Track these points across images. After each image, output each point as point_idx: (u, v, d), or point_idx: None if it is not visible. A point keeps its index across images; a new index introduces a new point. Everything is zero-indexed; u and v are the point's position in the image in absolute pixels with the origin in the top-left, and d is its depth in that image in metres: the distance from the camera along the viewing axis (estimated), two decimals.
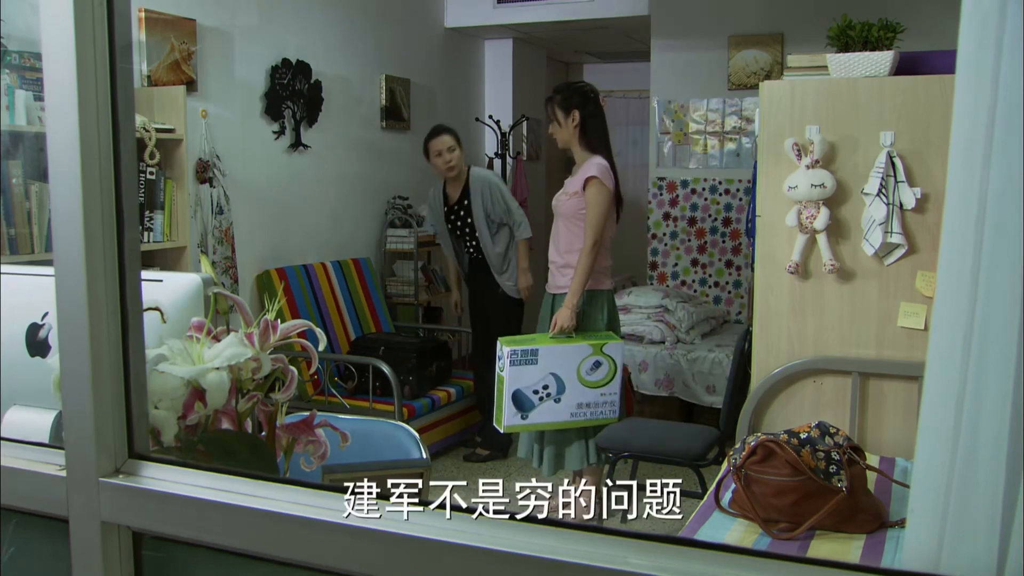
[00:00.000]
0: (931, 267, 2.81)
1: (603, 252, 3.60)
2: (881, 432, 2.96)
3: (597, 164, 3.56)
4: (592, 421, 3.25)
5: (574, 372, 3.22)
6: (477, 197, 4.50)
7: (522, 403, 3.31)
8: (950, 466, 0.83)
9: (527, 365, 3.28)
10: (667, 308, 5.20)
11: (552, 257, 3.68)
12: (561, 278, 3.63)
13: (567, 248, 3.59)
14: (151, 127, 3.56)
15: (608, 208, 3.55)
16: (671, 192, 5.90)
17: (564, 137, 3.67)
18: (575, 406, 3.24)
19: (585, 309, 3.52)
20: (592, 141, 3.64)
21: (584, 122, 3.62)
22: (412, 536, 0.89)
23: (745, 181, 5.60)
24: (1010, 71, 0.78)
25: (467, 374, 5.07)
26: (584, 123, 3.62)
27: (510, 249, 4.57)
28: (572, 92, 3.70)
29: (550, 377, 3.26)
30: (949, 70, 2.38)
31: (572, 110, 3.62)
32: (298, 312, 4.68)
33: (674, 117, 5.85)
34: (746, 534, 2.23)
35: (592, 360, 3.19)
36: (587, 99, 3.67)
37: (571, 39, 7.16)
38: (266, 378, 1.22)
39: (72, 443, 1.04)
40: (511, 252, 4.56)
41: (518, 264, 4.62)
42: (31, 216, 3.19)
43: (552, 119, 3.68)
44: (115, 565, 1.04)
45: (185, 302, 1.29)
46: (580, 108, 3.62)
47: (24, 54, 3.23)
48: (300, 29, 4.90)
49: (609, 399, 3.18)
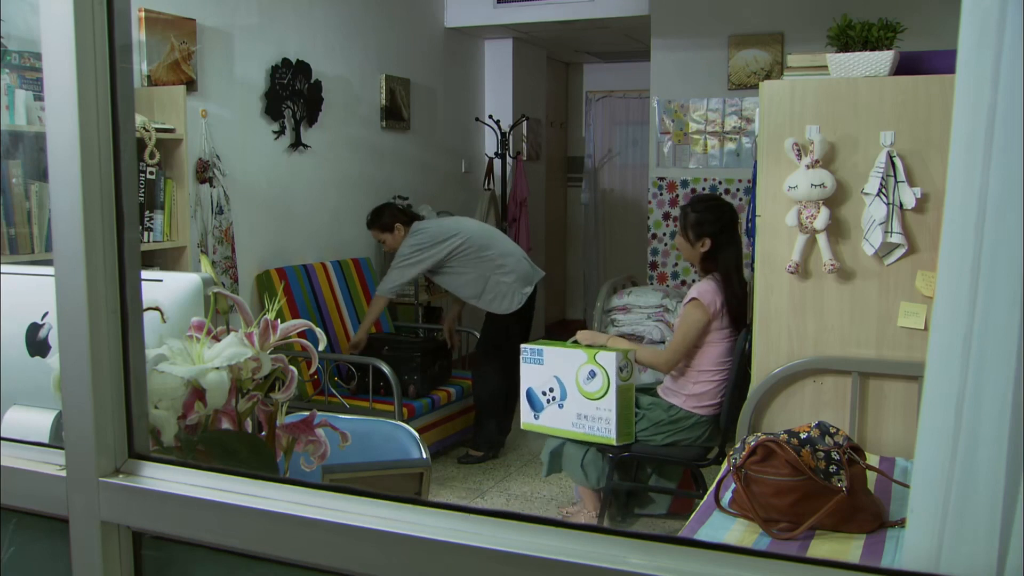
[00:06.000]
0: (931, 267, 2.81)
1: (696, 378, 3.37)
2: (881, 432, 2.96)
3: (703, 286, 3.35)
4: (591, 436, 3.24)
5: (573, 379, 3.22)
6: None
7: (534, 402, 3.33)
8: (950, 466, 0.82)
9: (535, 364, 3.31)
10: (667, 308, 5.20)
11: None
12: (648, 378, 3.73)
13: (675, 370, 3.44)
14: (151, 127, 3.56)
15: (697, 333, 3.33)
16: (671, 192, 5.90)
17: (689, 256, 3.47)
18: (575, 415, 3.24)
19: (644, 407, 3.43)
20: (713, 265, 3.41)
21: (715, 248, 3.39)
22: (412, 536, 0.89)
23: (745, 181, 5.60)
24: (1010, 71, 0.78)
25: (467, 374, 5.07)
26: (715, 249, 3.39)
27: (474, 282, 4.56)
28: (710, 216, 3.40)
29: (554, 380, 3.27)
30: (949, 70, 2.38)
31: (704, 237, 3.39)
32: (298, 312, 4.68)
33: (674, 117, 5.85)
34: (746, 534, 2.23)
35: (588, 368, 3.18)
36: (726, 224, 3.41)
37: (571, 39, 7.16)
38: (266, 378, 1.22)
39: (72, 443, 1.04)
40: (476, 281, 4.55)
41: (364, 319, 4.75)
42: (31, 216, 3.19)
43: (682, 233, 3.45)
44: (115, 565, 1.04)
45: (185, 302, 1.29)
46: (715, 236, 3.38)
47: (24, 54, 3.23)
48: (300, 29, 4.90)
49: (604, 415, 3.17)
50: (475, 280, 4.54)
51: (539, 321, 7.15)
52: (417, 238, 4.54)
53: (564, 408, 3.25)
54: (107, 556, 1.03)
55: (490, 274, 4.54)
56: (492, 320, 4.65)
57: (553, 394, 3.27)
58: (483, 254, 4.54)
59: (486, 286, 4.55)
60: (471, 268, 4.53)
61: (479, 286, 4.55)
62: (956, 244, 0.83)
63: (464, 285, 4.57)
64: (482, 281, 4.54)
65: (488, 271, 4.53)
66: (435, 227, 4.62)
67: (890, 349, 2.89)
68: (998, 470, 0.79)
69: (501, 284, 4.54)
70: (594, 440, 3.25)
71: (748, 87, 5.58)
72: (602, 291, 4.83)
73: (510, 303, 4.56)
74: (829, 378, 3.00)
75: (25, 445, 1.12)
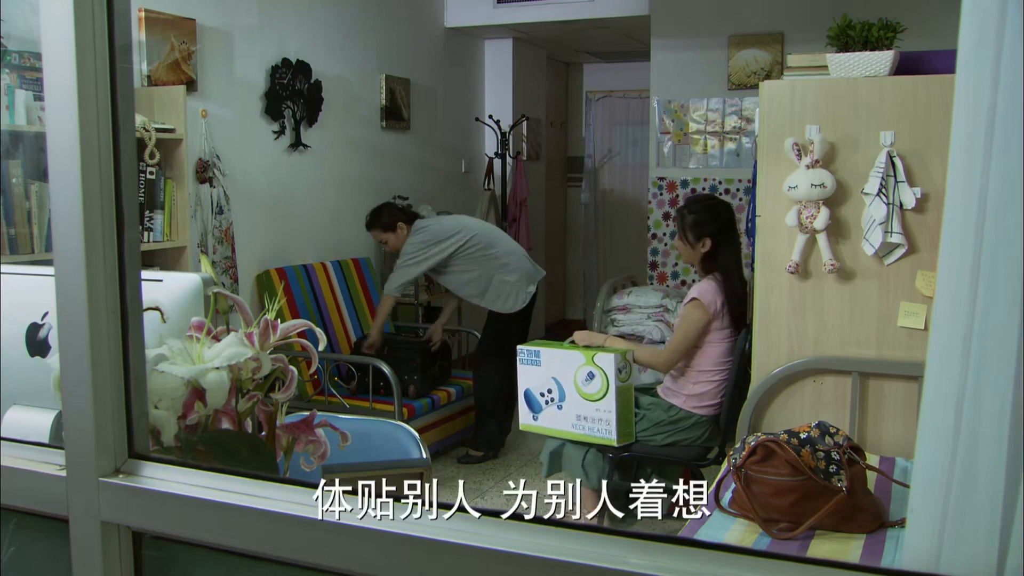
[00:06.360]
0: (931, 267, 2.81)
1: (696, 378, 3.36)
2: (881, 432, 2.95)
3: (703, 286, 3.33)
4: (592, 438, 3.23)
5: (571, 380, 3.21)
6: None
7: (532, 404, 3.33)
8: (950, 466, 0.82)
9: (533, 366, 3.30)
10: (667, 308, 5.20)
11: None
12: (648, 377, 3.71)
13: (677, 365, 3.41)
14: (151, 127, 3.56)
15: (697, 333, 3.30)
16: (671, 192, 5.90)
17: (689, 258, 3.43)
18: (575, 417, 3.23)
19: (644, 407, 3.42)
20: (713, 265, 3.38)
21: (715, 249, 3.36)
22: (412, 536, 0.89)
23: (745, 181, 5.60)
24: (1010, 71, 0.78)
25: (467, 374, 5.07)
26: (715, 250, 3.36)
27: (478, 280, 4.54)
28: (707, 215, 3.38)
29: (552, 381, 3.26)
30: (949, 70, 2.38)
31: (704, 237, 3.35)
32: (298, 312, 4.68)
33: (674, 117, 5.85)
34: (746, 534, 2.23)
35: (586, 370, 3.17)
36: (725, 223, 3.38)
37: (571, 39, 7.17)
38: (266, 378, 1.22)
39: (72, 443, 1.04)
40: (480, 280, 4.54)
41: (374, 319, 4.71)
42: (31, 216, 3.19)
43: (680, 235, 3.41)
44: (115, 565, 1.04)
45: (185, 302, 1.29)
46: (714, 235, 3.35)
47: (24, 54, 3.23)
48: (300, 29, 4.90)
49: (604, 416, 3.16)
50: (479, 278, 4.53)
51: (539, 321, 7.15)
52: (422, 236, 4.52)
53: (563, 409, 3.24)
54: (107, 556, 1.03)
55: (494, 272, 4.53)
56: (495, 320, 4.64)
57: (551, 395, 3.27)
58: (488, 252, 4.53)
59: (490, 285, 4.54)
60: (475, 266, 4.52)
61: (483, 284, 4.54)
62: (956, 244, 0.83)
63: (468, 283, 4.56)
64: (486, 279, 4.53)
65: (492, 269, 4.52)
66: (438, 225, 4.61)
67: (890, 349, 2.89)
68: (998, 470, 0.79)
69: (505, 283, 4.53)
70: (595, 441, 3.25)
71: (748, 87, 5.58)
72: (602, 291, 4.83)
73: (514, 302, 4.55)
74: (829, 378, 2.99)
75: (25, 445, 1.12)
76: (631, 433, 3.25)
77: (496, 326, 4.64)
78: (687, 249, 3.42)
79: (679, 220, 3.42)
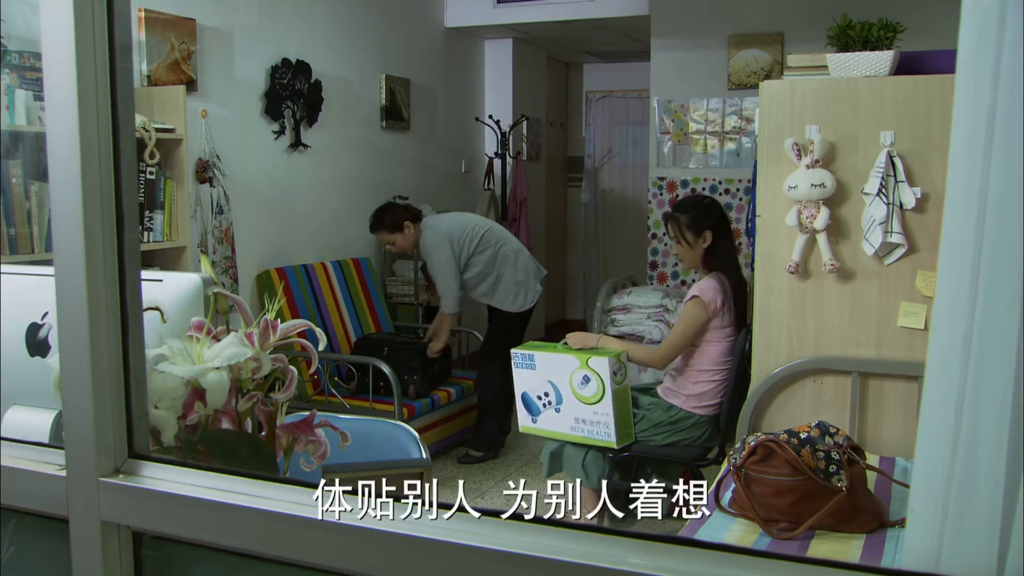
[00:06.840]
0: (931, 267, 2.81)
1: (695, 378, 3.35)
2: (881, 432, 2.96)
3: (705, 284, 3.33)
4: (592, 440, 3.23)
5: (567, 384, 3.21)
6: (427, 261, 4.62)
7: (530, 407, 3.33)
8: (950, 466, 0.82)
9: (528, 369, 3.29)
10: (667, 308, 5.20)
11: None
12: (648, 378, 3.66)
13: (676, 364, 3.42)
14: (151, 127, 3.56)
15: (695, 331, 3.30)
16: (671, 192, 5.90)
17: (692, 258, 3.42)
18: (573, 419, 3.23)
19: (644, 408, 3.41)
20: (715, 262, 3.38)
21: (716, 242, 3.36)
22: (412, 536, 0.89)
23: (745, 181, 5.60)
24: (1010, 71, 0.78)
25: (467, 374, 5.07)
26: (715, 243, 3.36)
27: (491, 277, 4.52)
28: (701, 211, 3.39)
29: (548, 385, 3.26)
30: (949, 70, 2.38)
31: (704, 231, 3.35)
32: (298, 312, 4.68)
33: (674, 117, 5.85)
34: (746, 534, 2.23)
35: (581, 374, 3.17)
36: (719, 217, 3.40)
37: (571, 39, 7.17)
38: (266, 378, 1.22)
39: (72, 443, 1.04)
40: (488, 279, 4.52)
41: (437, 333, 4.65)
42: (31, 216, 3.19)
43: (677, 239, 3.40)
44: (115, 565, 1.04)
45: (185, 302, 1.29)
46: (713, 228, 3.35)
47: (24, 54, 3.23)
48: (300, 29, 4.90)
49: (603, 419, 3.16)
50: (492, 275, 4.53)
51: (539, 321, 7.16)
52: (437, 238, 4.47)
53: (561, 412, 3.24)
54: (107, 556, 1.03)
55: (504, 270, 4.52)
56: (500, 319, 4.63)
57: (548, 399, 3.26)
58: (500, 249, 4.53)
59: (501, 282, 4.53)
60: (487, 263, 4.51)
61: (492, 282, 4.53)
62: (956, 244, 0.83)
63: (481, 280, 4.54)
64: (496, 277, 4.53)
65: (503, 267, 4.52)
66: (447, 222, 4.58)
67: (890, 349, 2.89)
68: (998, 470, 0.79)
69: (516, 281, 4.53)
70: (595, 443, 3.25)
71: (748, 87, 5.58)
72: (602, 291, 4.83)
73: (523, 300, 4.55)
74: (829, 378, 2.99)
75: (25, 445, 1.12)
76: (630, 434, 3.25)
77: (501, 325, 4.63)
78: (687, 250, 3.40)
79: (673, 224, 3.40)
